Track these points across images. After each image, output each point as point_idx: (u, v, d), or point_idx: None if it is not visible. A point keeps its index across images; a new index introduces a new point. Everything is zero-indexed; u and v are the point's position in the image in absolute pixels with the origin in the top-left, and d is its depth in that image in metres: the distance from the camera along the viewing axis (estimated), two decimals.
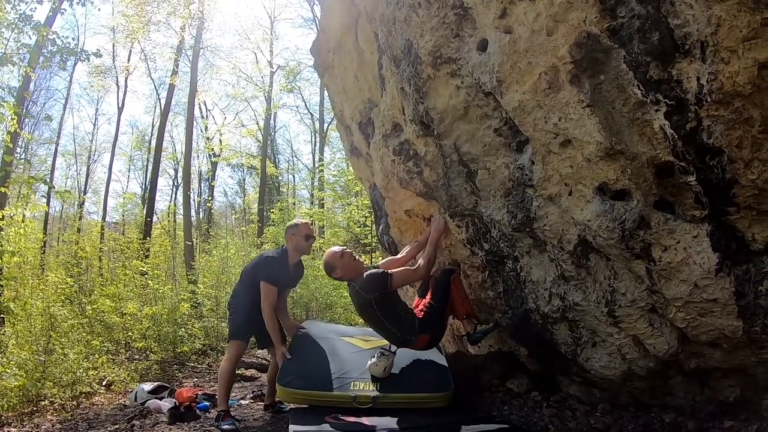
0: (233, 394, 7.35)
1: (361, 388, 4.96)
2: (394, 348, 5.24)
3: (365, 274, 5.11)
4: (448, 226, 5.26)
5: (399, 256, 5.86)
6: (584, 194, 3.82)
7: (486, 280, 5.24)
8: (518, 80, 3.80)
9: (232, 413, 5.59)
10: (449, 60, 4.34)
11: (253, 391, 7.97)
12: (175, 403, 6.51)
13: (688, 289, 3.55)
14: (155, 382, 8.52)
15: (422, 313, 5.13)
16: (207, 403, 6.72)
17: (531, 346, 5.22)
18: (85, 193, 34.33)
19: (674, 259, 3.53)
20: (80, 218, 29.46)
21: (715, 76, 2.86)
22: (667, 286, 3.66)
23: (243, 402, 7.11)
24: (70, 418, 7.13)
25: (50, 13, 14.66)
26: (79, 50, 11.80)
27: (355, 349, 5.58)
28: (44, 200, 25.35)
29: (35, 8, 11.65)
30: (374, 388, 4.97)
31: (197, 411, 6.16)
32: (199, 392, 7.41)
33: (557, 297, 4.51)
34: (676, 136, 3.14)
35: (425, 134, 4.86)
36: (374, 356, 5.13)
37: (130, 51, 30.96)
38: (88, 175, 35.89)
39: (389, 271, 5.11)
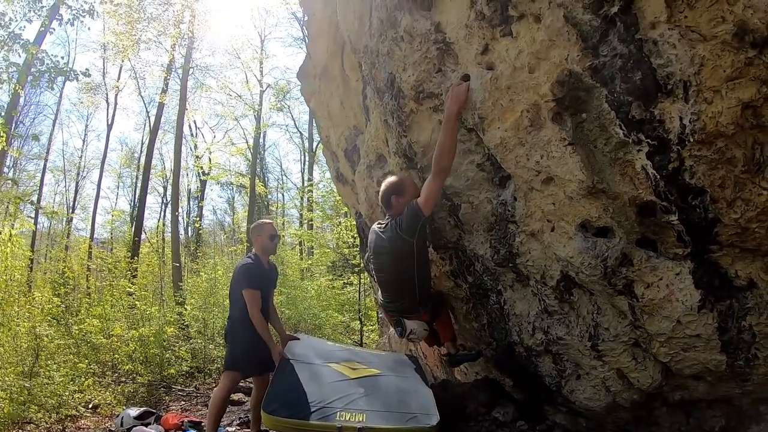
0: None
1: (348, 419, 4.90)
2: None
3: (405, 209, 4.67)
4: (470, 95, 4.07)
5: None
6: (567, 231, 3.80)
7: (470, 311, 5.23)
8: (500, 117, 3.78)
9: None
10: (432, 95, 4.34)
11: (240, 417, 7.94)
12: (160, 431, 6.47)
13: (671, 325, 3.53)
14: (141, 407, 8.47)
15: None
16: (193, 431, 6.69)
17: (516, 377, 5.21)
18: (73, 210, 34.37)
19: (657, 296, 3.51)
20: (68, 235, 29.41)
21: (698, 116, 2.83)
22: (650, 321, 3.64)
23: (229, 429, 7.07)
24: None
25: (42, 28, 14.66)
26: (68, 69, 11.81)
27: (341, 378, 5.53)
28: (32, 216, 25.26)
29: (24, 27, 11.67)
30: (361, 420, 4.92)
31: None
32: (186, 419, 7.37)
33: (540, 331, 4.49)
34: (658, 176, 3.11)
35: (408, 167, 4.84)
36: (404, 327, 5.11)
37: (120, 68, 31.05)
38: (76, 191, 35.94)
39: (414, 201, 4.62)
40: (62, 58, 12.12)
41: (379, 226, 5.04)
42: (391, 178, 4.92)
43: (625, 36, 2.97)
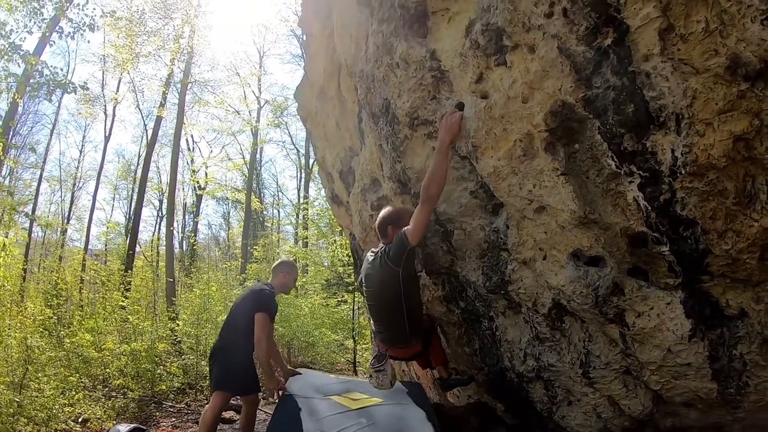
0: None
1: None
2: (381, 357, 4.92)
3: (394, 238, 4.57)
4: (463, 124, 4.04)
5: None
6: (558, 259, 3.82)
7: (462, 336, 5.23)
8: (493, 146, 3.79)
9: None
10: (426, 122, 4.35)
11: None
12: None
13: (662, 354, 3.54)
14: (132, 423, 8.44)
15: None
16: None
17: (507, 402, 5.20)
18: (68, 221, 34.29)
19: (648, 325, 3.52)
20: (62, 246, 29.29)
21: (690, 148, 2.84)
22: (640, 350, 3.64)
23: None
24: None
25: (43, 36, 14.66)
26: (67, 82, 11.80)
27: (342, 409, 5.48)
28: (26, 228, 25.17)
29: (24, 38, 11.70)
30: None
31: None
32: None
33: (532, 357, 4.49)
34: (650, 208, 3.13)
35: (402, 192, 4.86)
36: (372, 375, 4.94)
37: (119, 80, 31.12)
38: (72, 201, 35.81)
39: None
40: (61, 69, 12.17)
41: (371, 253, 4.97)
42: (390, 208, 4.88)
43: (619, 68, 2.99)
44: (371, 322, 5.38)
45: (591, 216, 3.42)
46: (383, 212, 4.82)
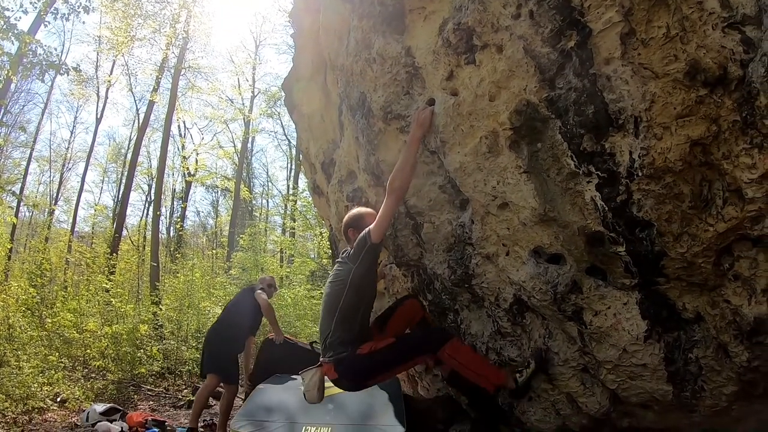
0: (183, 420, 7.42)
1: None
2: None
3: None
4: (433, 119, 4.05)
5: None
6: (520, 255, 3.89)
7: None
8: (460, 142, 3.87)
9: None
10: (399, 116, 4.41)
11: (204, 420, 7.92)
12: (121, 428, 6.50)
13: (618, 353, 3.61)
14: (108, 403, 8.48)
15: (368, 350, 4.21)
16: (156, 430, 6.73)
17: (470, 395, 5.26)
18: (56, 202, 33.92)
19: (604, 324, 3.59)
20: (49, 227, 29.11)
21: (647, 151, 2.92)
22: (597, 348, 3.71)
23: None
24: None
25: (40, 15, 14.60)
26: (60, 63, 11.77)
27: None
28: (12, 207, 25.01)
29: (20, 17, 11.66)
30: None
31: None
32: (150, 417, 7.40)
33: (494, 351, 4.56)
34: (607, 208, 3.20)
35: (376, 184, 4.91)
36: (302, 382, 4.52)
37: (114, 63, 30.79)
38: (61, 182, 35.35)
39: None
40: (55, 49, 12.11)
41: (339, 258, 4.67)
42: (353, 211, 4.72)
43: (580, 70, 3.07)
44: None
45: (551, 214, 3.50)
46: (347, 216, 4.68)
